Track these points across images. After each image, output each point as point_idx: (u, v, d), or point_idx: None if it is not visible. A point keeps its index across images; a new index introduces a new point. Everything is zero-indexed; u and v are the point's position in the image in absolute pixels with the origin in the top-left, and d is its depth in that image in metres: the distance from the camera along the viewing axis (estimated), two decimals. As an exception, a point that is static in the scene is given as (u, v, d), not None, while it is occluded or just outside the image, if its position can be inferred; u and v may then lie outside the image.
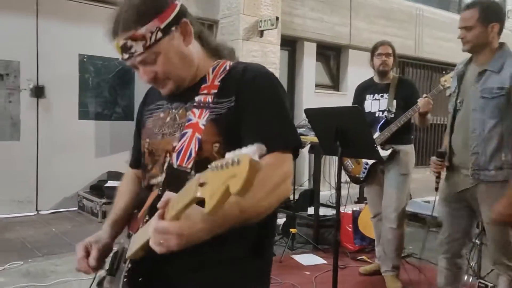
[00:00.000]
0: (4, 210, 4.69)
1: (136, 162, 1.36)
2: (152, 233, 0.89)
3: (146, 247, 0.96)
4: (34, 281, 3.03)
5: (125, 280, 1.06)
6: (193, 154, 1.08)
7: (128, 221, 1.29)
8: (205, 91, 1.14)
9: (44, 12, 4.87)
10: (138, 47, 1.06)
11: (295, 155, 1.12)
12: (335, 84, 7.61)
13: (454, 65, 2.58)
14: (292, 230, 3.93)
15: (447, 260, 2.44)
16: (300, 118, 5.41)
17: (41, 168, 4.93)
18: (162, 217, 0.89)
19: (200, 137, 1.08)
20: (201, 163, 1.07)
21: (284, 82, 6.87)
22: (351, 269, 3.52)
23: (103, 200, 4.65)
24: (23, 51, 4.76)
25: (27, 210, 4.84)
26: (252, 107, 1.09)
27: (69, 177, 5.06)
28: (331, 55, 7.59)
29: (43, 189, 4.94)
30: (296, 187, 5.10)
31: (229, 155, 0.71)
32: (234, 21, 5.65)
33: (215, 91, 1.13)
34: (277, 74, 5.94)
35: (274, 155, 1.04)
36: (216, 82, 1.14)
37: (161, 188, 1.11)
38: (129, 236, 1.22)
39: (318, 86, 7.20)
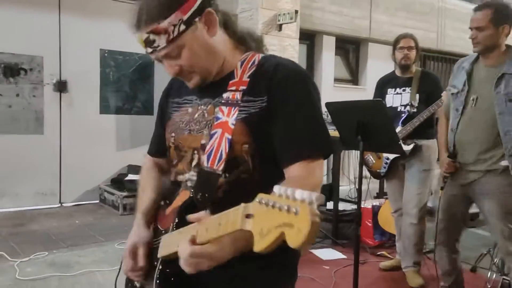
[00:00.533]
0: (29, 202, 4.81)
1: (156, 150, 1.35)
2: (186, 257, 0.90)
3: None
4: (59, 271, 3.10)
5: (158, 281, 1.06)
6: (224, 156, 1.06)
7: (155, 211, 1.29)
8: (234, 87, 1.11)
9: (66, 8, 4.94)
10: (161, 41, 1.03)
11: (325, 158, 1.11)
12: (354, 78, 7.54)
13: (477, 58, 2.53)
14: (311, 225, 3.92)
15: (446, 247, 2.57)
16: (319, 112, 5.38)
17: (64, 161, 5.03)
18: (193, 241, 0.90)
19: (230, 137, 1.06)
20: (230, 163, 1.07)
21: (302, 76, 6.83)
22: (371, 264, 3.50)
23: (124, 194, 4.72)
24: (46, 46, 4.85)
25: (50, 202, 4.95)
26: (284, 110, 1.06)
27: (91, 170, 5.15)
28: (351, 49, 7.51)
29: (66, 182, 5.05)
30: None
31: (279, 191, 0.68)
32: (253, 15, 5.64)
33: (244, 87, 1.10)
34: (296, 68, 5.95)
35: (304, 163, 1.04)
36: (245, 78, 1.11)
37: (193, 191, 1.10)
38: (156, 230, 1.22)
39: (337, 80, 7.14)
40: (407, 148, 3.03)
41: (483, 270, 3.18)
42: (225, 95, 1.11)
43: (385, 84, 3.28)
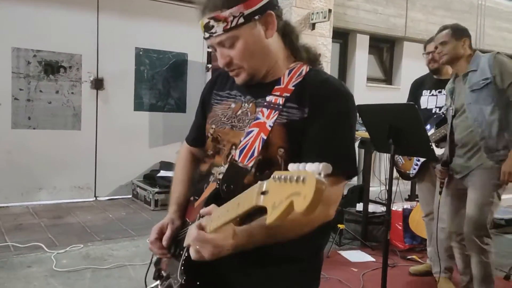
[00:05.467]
0: (66, 195, 5.00)
1: (194, 140, 1.39)
2: (191, 241, 0.96)
3: None
4: (93, 264, 3.21)
5: (183, 268, 1.10)
6: (255, 154, 1.10)
7: (186, 206, 1.34)
8: (278, 93, 1.15)
9: (105, 7, 5.08)
10: (218, 28, 1.09)
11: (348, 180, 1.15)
12: (387, 77, 7.41)
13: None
14: (340, 226, 3.90)
15: (458, 245, 2.77)
16: (351, 113, 5.32)
17: (99, 157, 5.19)
18: (200, 227, 0.96)
19: (265, 137, 1.11)
20: (264, 163, 1.11)
21: (335, 76, 6.76)
22: (400, 268, 3.45)
23: (156, 189, 4.82)
24: (85, 45, 5.01)
25: (86, 196, 5.12)
26: (321, 127, 1.10)
27: (124, 166, 5.29)
28: (385, 48, 7.39)
29: (101, 176, 5.21)
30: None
31: (293, 167, 0.72)
32: (286, 13, 5.62)
33: (288, 94, 1.14)
34: (328, 67, 5.89)
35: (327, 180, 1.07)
36: (290, 86, 1.15)
37: (219, 182, 1.15)
38: (184, 223, 1.27)
39: (370, 79, 7.04)
40: (439, 151, 2.96)
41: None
42: (268, 98, 1.16)
43: (420, 85, 3.23)
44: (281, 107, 1.12)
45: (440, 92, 3.08)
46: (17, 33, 4.67)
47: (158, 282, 1.33)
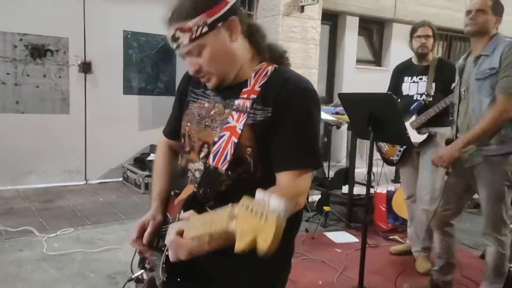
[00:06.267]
0: (56, 179, 5.05)
1: (172, 133, 1.44)
2: (169, 244, 1.08)
3: None
4: (84, 248, 3.29)
5: (164, 266, 1.18)
6: (228, 157, 1.16)
7: (167, 199, 1.40)
8: (245, 96, 1.20)
9: (91, -10, 5.04)
10: (184, 39, 1.13)
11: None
12: (377, 59, 7.44)
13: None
14: (326, 208, 4.01)
15: (438, 230, 2.71)
16: (339, 96, 5.38)
17: (89, 141, 5.22)
18: (179, 233, 1.06)
19: (236, 140, 1.16)
20: (235, 163, 1.17)
21: (324, 58, 6.79)
22: (382, 248, 3.58)
23: (146, 173, 4.88)
24: (72, 28, 4.97)
25: (76, 180, 5.18)
26: (284, 123, 1.16)
27: (114, 150, 5.33)
28: (374, 29, 7.39)
29: (91, 160, 5.25)
30: (333, 164, 5.13)
31: (259, 196, 0.79)
32: (275, -4, 5.60)
33: (254, 96, 1.19)
34: (317, 50, 5.88)
35: (291, 173, 1.15)
36: (257, 88, 1.20)
37: (196, 185, 1.21)
38: (166, 218, 1.34)
39: (359, 61, 7.07)
40: (421, 137, 3.04)
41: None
42: (236, 102, 1.21)
43: (401, 71, 3.27)
44: (249, 109, 1.18)
45: (421, 79, 3.13)
46: (3, 16, 4.62)
47: (142, 271, 1.40)
